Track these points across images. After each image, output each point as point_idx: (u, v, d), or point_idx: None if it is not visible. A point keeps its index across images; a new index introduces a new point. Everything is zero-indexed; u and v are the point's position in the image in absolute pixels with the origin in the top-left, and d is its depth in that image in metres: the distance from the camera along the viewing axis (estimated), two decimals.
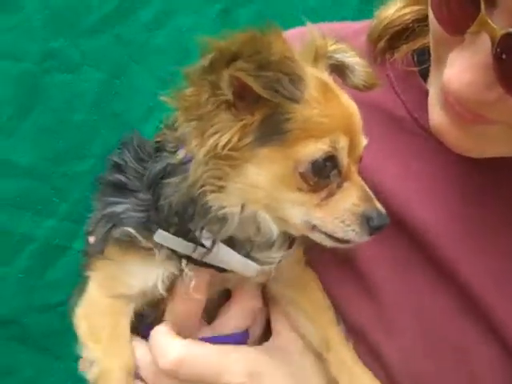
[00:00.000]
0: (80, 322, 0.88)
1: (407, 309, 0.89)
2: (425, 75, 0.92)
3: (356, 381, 0.87)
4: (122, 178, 0.83)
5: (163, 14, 1.60)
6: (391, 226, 0.80)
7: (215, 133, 0.72)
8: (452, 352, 0.86)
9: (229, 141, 0.72)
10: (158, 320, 0.88)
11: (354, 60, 0.83)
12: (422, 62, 0.92)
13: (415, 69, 0.93)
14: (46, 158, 1.56)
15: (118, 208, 0.82)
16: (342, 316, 0.91)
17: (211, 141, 0.72)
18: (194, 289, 0.83)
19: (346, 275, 0.92)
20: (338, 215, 0.75)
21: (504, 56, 0.63)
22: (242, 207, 0.76)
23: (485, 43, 0.65)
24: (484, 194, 0.88)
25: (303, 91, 0.70)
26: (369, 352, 0.89)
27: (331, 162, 0.74)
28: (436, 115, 0.80)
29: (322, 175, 0.74)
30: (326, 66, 0.82)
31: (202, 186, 0.74)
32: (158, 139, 0.81)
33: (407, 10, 0.92)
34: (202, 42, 0.69)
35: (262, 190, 0.75)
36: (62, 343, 1.49)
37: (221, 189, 0.75)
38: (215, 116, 0.72)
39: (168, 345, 0.83)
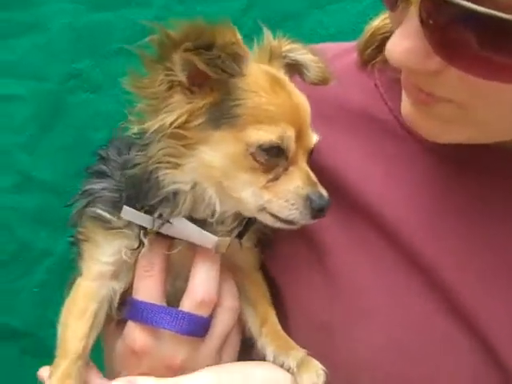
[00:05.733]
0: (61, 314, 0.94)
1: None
2: None
3: (285, 346, 0.91)
4: (103, 167, 0.92)
5: None
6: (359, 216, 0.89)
7: (167, 112, 0.80)
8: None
9: (176, 120, 0.80)
10: None
11: (308, 57, 0.90)
12: None
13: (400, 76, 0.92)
14: (67, 174, 1.59)
15: (96, 186, 0.91)
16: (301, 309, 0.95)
17: (161, 117, 0.80)
18: (150, 261, 0.89)
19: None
20: (284, 196, 0.82)
21: (431, 21, 0.64)
22: (194, 185, 0.84)
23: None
24: (460, 195, 0.89)
25: (243, 67, 0.80)
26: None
27: (278, 150, 0.82)
28: (404, 105, 0.83)
29: (271, 156, 0.82)
30: (282, 65, 0.90)
31: (158, 162, 0.82)
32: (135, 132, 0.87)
33: None
34: (150, 28, 0.78)
35: (214, 168, 0.83)
36: None
37: (176, 166, 0.83)
38: (169, 97, 0.80)
39: None
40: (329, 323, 0.91)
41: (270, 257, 0.98)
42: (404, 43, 0.69)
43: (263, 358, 0.92)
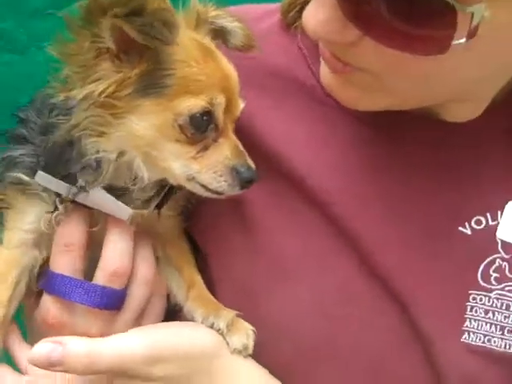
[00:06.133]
0: None
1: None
2: None
3: (214, 308, 0.90)
4: (23, 130, 0.88)
5: None
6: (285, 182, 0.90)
7: (96, 80, 0.78)
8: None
9: (105, 89, 0.78)
10: None
11: (234, 24, 0.90)
12: None
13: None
14: None
15: (15, 152, 0.88)
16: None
17: (90, 87, 0.78)
18: (70, 236, 0.87)
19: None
20: (212, 167, 0.83)
21: None
22: (119, 154, 0.82)
23: None
24: (382, 160, 0.91)
25: (175, 35, 0.77)
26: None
27: (208, 117, 0.81)
28: (323, 73, 0.84)
29: (199, 128, 0.81)
30: (208, 31, 0.89)
31: (83, 129, 0.80)
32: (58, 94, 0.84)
33: None
34: None
35: (141, 138, 0.81)
36: None
37: (101, 134, 0.81)
38: (97, 64, 0.78)
39: None
40: (251, 286, 0.91)
41: (196, 225, 0.98)
42: (319, 14, 0.69)
43: None
